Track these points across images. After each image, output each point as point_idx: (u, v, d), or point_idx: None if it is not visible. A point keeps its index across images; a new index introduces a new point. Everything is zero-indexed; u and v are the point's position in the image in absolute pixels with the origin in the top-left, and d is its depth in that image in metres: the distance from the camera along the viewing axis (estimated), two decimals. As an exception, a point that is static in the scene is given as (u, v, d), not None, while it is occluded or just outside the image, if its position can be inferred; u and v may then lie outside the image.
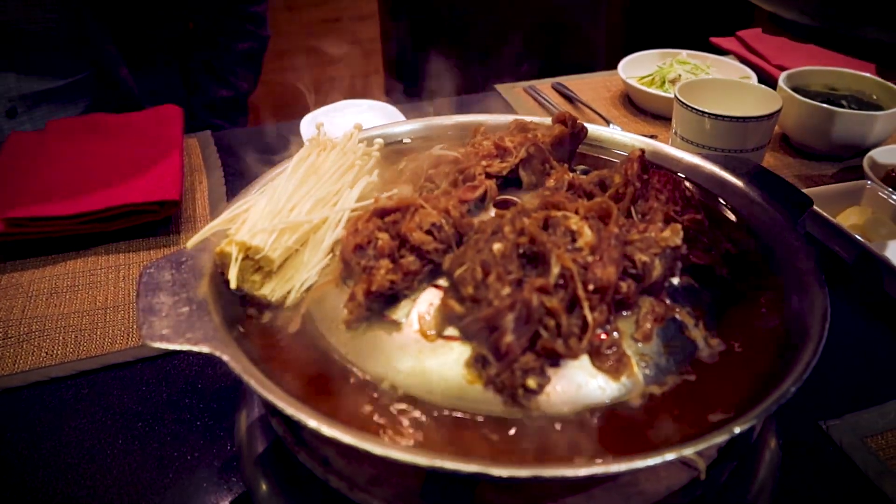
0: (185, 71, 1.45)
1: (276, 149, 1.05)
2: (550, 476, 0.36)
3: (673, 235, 0.49)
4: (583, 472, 0.37)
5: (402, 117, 1.03)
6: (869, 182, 0.85)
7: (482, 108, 1.13)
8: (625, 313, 0.47)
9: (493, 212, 0.54)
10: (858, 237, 0.75)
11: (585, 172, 0.60)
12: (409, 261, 0.48)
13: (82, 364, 0.65)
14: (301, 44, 3.30)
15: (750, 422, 0.39)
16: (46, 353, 0.67)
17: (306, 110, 1.06)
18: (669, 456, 0.37)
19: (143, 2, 1.28)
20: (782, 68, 1.10)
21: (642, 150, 0.56)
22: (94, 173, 0.85)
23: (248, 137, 1.08)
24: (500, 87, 1.22)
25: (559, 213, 0.48)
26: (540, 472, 0.36)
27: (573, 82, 1.23)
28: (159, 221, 0.83)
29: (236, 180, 0.95)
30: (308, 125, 1.04)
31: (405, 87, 1.86)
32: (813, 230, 0.78)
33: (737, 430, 0.38)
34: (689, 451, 0.37)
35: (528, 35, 1.83)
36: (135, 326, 0.70)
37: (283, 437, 0.49)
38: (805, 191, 0.79)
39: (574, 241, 0.47)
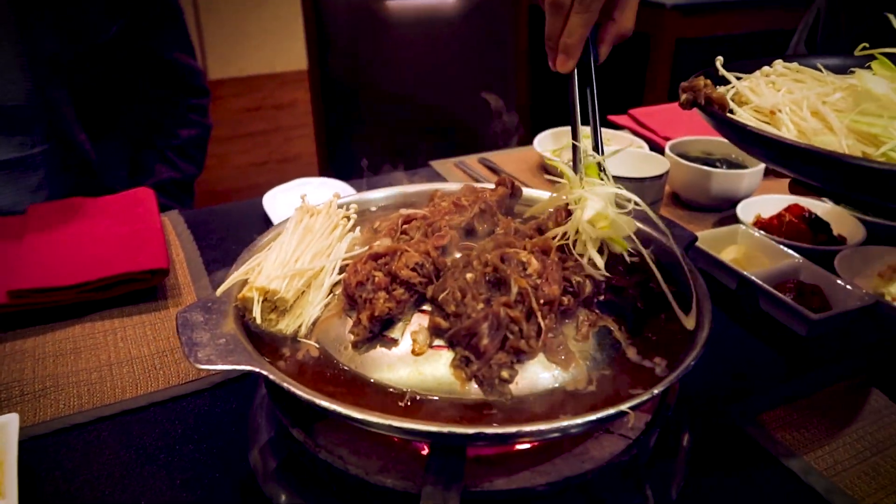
0: (136, 155, 1.55)
1: (237, 223, 1.18)
2: (527, 431, 0.50)
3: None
4: (547, 427, 0.50)
5: (352, 191, 1.18)
6: (742, 226, 1.05)
7: (422, 181, 1.28)
8: (567, 321, 0.62)
9: (458, 254, 0.69)
10: (737, 268, 0.94)
11: (524, 222, 0.76)
12: (400, 292, 0.62)
13: (99, 411, 0.74)
14: (226, 132, 3.43)
15: (666, 384, 0.54)
16: (64, 404, 0.75)
17: (247, 192, 1.19)
18: (612, 410, 0.51)
19: (101, 85, 1.38)
20: (668, 139, 1.33)
21: (567, 204, 0.73)
22: (84, 248, 0.94)
23: (211, 216, 1.19)
24: (433, 163, 1.39)
25: (512, 250, 0.63)
26: (520, 429, 0.50)
27: (496, 156, 1.42)
28: (148, 289, 0.93)
29: (209, 252, 1.06)
30: (270, 201, 1.17)
31: (338, 167, 2.02)
32: (701, 265, 0.97)
33: (656, 391, 0.53)
34: (624, 407, 0.52)
35: (449, 120, 2.05)
36: (141, 377, 0.79)
37: (304, 441, 0.60)
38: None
39: (525, 269, 0.62)
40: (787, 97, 0.67)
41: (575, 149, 0.71)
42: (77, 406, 0.74)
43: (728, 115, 0.67)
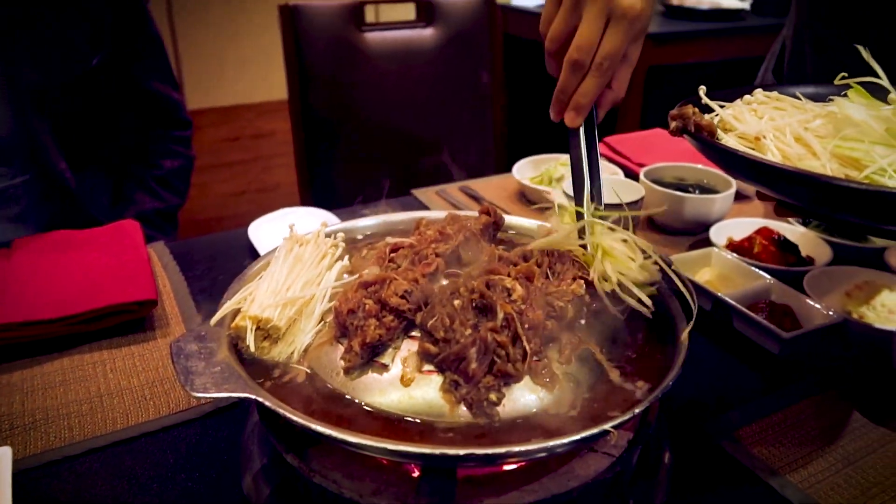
0: (118, 184, 1.56)
1: (223, 254, 1.19)
2: (516, 451, 0.52)
3: (578, 287, 0.67)
4: (534, 447, 0.52)
5: (337, 220, 1.20)
6: (715, 248, 1.09)
7: (404, 209, 1.31)
8: (551, 344, 0.64)
9: (444, 281, 0.71)
10: (712, 290, 0.97)
11: (507, 249, 0.78)
12: (390, 319, 0.64)
13: (91, 443, 0.74)
14: (205, 162, 3.44)
15: (646, 403, 0.57)
16: (55, 436, 0.75)
17: (227, 221, 1.21)
18: (596, 430, 0.54)
19: (83, 116, 1.40)
20: (642, 165, 1.37)
21: (550, 230, 0.76)
22: (72, 281, 0.95)
23: (197, 246, 1.20)
24: (415, 192, 1.42)
25: (497, 277, 0.66)
26: (509, 449, 0.52)
27: (477, 184, 1.45)
28: (136, 321, 0.94)
29: (196, 282, 1.07)
30: (255, 231, 1.18)
31: (318, 196, 2.04)
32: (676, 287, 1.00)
33: (637, 410, 0.56)
34: (607, 426, 0.54)
35: (428, 149, 2.08)
36: (132, 408, 0.80)
37: (298, 467, 0.62)
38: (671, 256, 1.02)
39: (510, 295, 0.64)
40: (769, 124, 0.70)
41: (579, 211, 0.74)
42: (68, 438, 0.75)
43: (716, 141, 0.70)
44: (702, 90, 0.79)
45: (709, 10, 3.25)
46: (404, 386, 0.60)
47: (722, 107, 0.77)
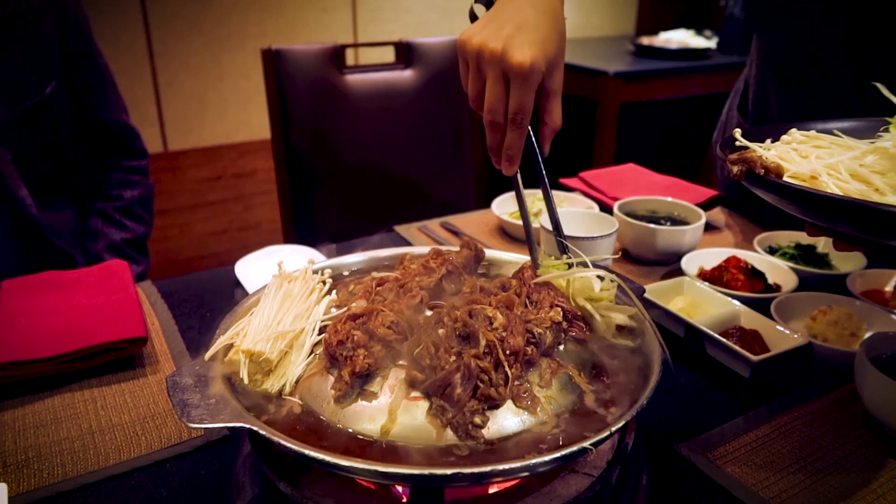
0: (83, 217, 1.58)
1: (210, 291, 1.21)
2: (500, 469, 0.55)
3: (556, 315, 0.71)
4: (518, 465, 0.56)
5: (322, 257, 1.23)
6: (687, 278, 1.14)
7: (387, 246, 1.34)
8: (531, 369, 0.68)
9: (429, 312, 0.75)
10: (685, 317, 1.01)
11: (488, 281, 0.82)
12: (378, 349, 0.67)
13: (84, 479, 0.75)
14: (187, 201, 3.46)
15: (623, 421, 0.60)
16: (48, 473, 0.76)
17: (209, 260, 1.23)
18: (575, 447, 0.57)
19: (43, 147, 1.42)
20: (616, 199, 1.42)
21: (529, 262, 0.80)
22: (62, 320, 0.97)
23: (183, 285, 1.22)
24: (398, 228, 1.45)
25: (479, 306, 0.69)
26: (494, 468, 0.55)
27: (457, 220, 1.50)
28: (126, 358, 0.96)
29: (184, 320, 1.09)
30: (242, 269, 1.21)
31: (302, 233, 2.07)
32: (652, 315, 1.04)
33: (613, 428, 0.59)
34: (586, 444, 0.57)
35: (409, 186, 2.13)
36: (124, 444, 0.81)
37: (291, 495, 0.64)
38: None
39: (491, 323, 0.68)
40: (819, 162, 0.69)
41: (532, 249, 0.83)
42: (61, 475, 0.76)
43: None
44: (737, 132, 0.76)
45: (677, 49, 3.38)
46: (393, 412, 0.63)
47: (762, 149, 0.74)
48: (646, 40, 3.53)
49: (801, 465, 0.78)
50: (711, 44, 3.57)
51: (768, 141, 0.77)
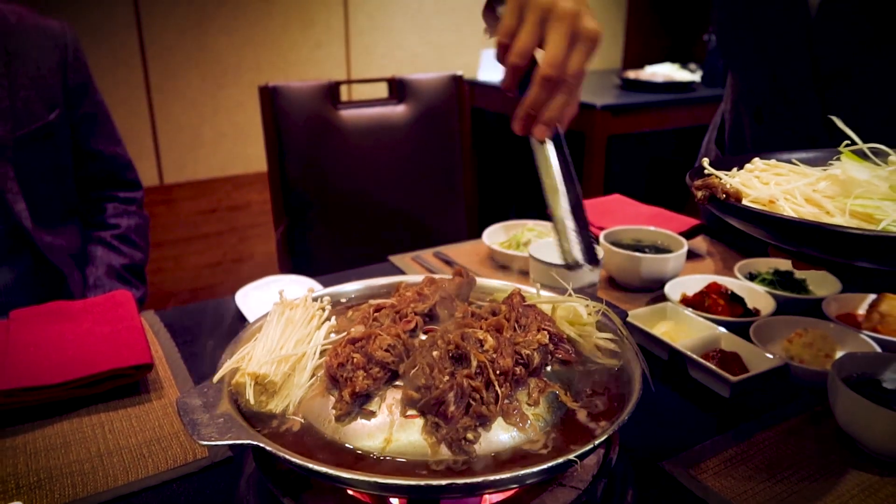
0: (83, 243, 1.63)
1: (211, 321, 1.25)
2: (492, 480, 0.59)
3: (542, 337, 0.76)
4: (508, 475, 0.60)
5: (320, 287, 1.28)
6: (670, 303, 1.19)
7: (381, 275, 1.39)
8: (520, 388, 0.72)
9: (423, 336, 0.79)
10: (668, 341, 1.06)
11: (480, 307, 0.87)
12: (376, 371, 0.71)
13: (94, 498, 0.79)
14: (182, 234, 3.51)
15: (607, 433, 0.64)
16: (59, 494, 0.80)
17: (204, 292, 1.28)
18: (562, 459, 0.61)
19: (44, 174, 1.48)
20: (602, 228, 1.48)
21: (518, 289, 0.85)
22: (70, 347, 1.01)
23: (185, 315, 1.26)
24: (392, 258, 1.50)
25: (470, 330, 0.74)
26: (486, 478, 0.59)
27: (449, 250, 1.55)
28: (131, 384, 0.99)
29: (186, 348, 1.13)
30: (242, 298, 1.25)
31: (298, 264, 2.12)
32: (637, 339, 1.09)
33: (598, 441, 0.64)
34: (572, 456, 0.62)
35: (402, 217, 2.19)
36: (132, 465, 0.84)
37: (295, 509, 0.68)
38: (628, 312, 1.12)
39: (482, 345, 0.72)
40: (777, 188, 0.76)
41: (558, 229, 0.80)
42: (72, 495, 0.79)
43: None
44: (705, 161, 0.83)
45: (663, 82, 3.48)
46: (390, 430, 0.67)
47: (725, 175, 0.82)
48: (632, 74, 3.64)
49: (778, 479, 0.82)
50: (696, 77, 3.68)
51: (735, 169, 0.84)
